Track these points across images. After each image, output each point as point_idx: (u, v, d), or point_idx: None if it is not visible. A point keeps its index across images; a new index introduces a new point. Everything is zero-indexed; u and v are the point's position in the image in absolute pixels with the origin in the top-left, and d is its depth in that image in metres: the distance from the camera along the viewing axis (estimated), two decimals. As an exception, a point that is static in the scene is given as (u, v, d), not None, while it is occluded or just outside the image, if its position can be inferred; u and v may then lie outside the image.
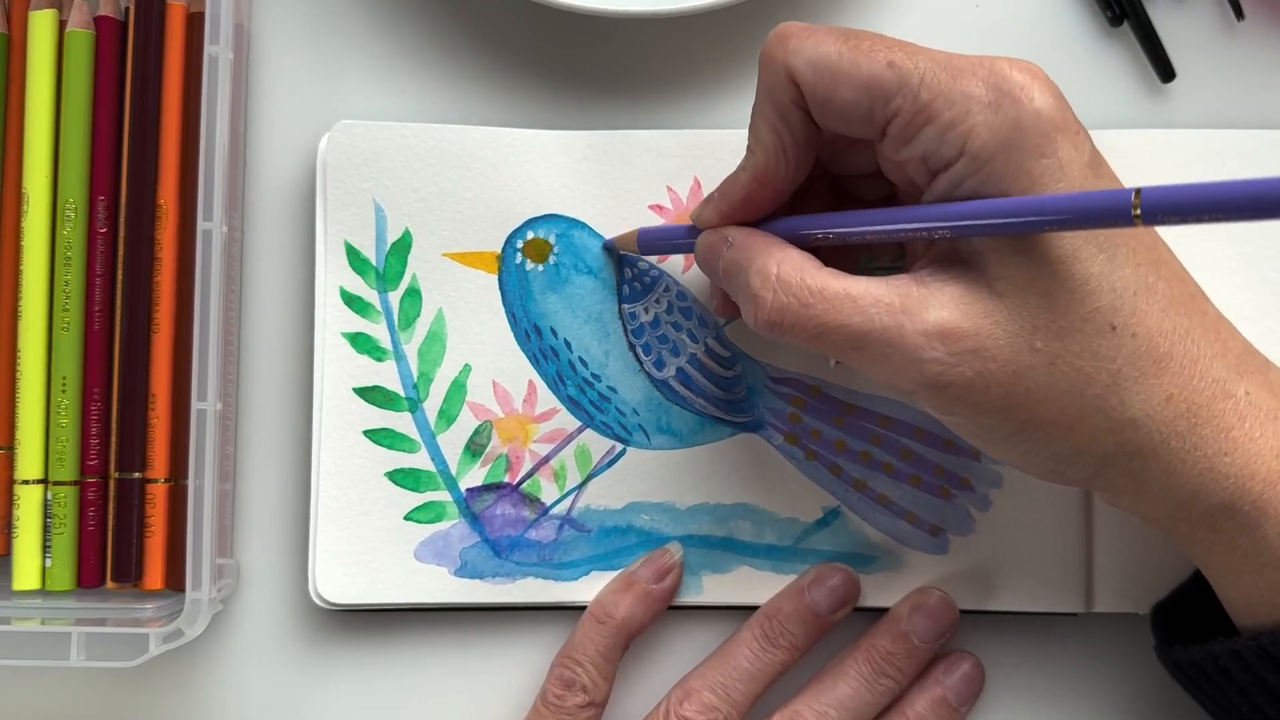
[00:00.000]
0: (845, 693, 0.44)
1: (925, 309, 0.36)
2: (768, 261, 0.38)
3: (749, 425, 0.47)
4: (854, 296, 0.36)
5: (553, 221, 0.47)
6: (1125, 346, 0.36)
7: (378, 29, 0.48)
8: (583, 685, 0.45)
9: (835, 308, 0.37)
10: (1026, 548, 0.46)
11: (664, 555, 0.46)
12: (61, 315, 0.45)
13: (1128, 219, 0.31)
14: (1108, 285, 0.35)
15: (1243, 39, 0.49)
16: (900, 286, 0.36)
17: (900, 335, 0.36)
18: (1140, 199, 0.31)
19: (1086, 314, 0.35)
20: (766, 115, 0.39)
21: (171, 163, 0.46)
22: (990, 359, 0.35)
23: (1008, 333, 0.35)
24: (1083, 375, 0.35)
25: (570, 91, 0.48)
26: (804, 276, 0.37)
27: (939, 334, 0.35)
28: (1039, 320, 0.35)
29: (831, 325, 0.37)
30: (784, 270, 0.38)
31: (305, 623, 0.47)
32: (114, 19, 0.46)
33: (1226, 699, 0.41)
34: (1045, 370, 0.35)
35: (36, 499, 0.46)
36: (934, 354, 0.35)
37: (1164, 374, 0.36)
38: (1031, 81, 0.35)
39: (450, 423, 0.46)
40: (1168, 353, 0.36)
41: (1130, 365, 0.36)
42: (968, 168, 0.35)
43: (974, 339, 0.35)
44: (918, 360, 0.36)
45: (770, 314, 0.38)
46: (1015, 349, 0.35)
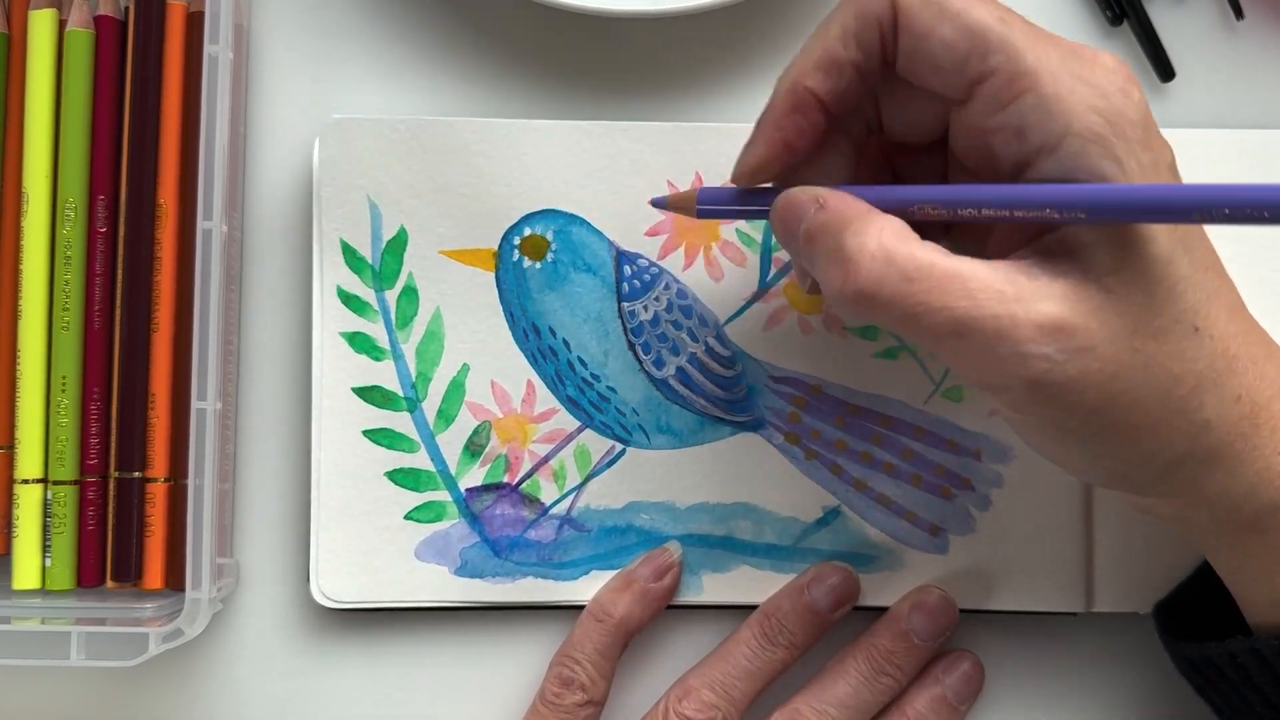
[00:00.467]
0: (845, 691, 0.44)
1: (1038, 300, 0.34)
2: (867, 225, 0.35)
3: (749, 425, 0.47)
4: (963, 277, 0.34)
5: (551, 217, 0.47)
6: (1206, 348, 0.35)
7: (377, 29, 0.49)
8: (581, 684, 0.44)
9: (941, 287, 0.34)
10: (1027, 547, 0.46)
11: (663, 554, 0.46)
12: (61, 315, 0.45)
13: None
14: (1192, 287, 0.35)
15: (1242, 39, 0.49)
16: (1010, 274, 0.34)
17: (1012, 326, 0.34)
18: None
19: (1178, 314, 0.35)
20: (846, 21, 0.36)
21: (171, 162, 0.46)
22: (1095, 358, 0.34)
23: (1113, 332, 0.34)
24: (1172, 377, 0.35)
25: (570, 91, 0.48)
26: (910, 248, 0.34)
27: (1049, 329, 0.34)
28: (1140, 320, 0.34)
29: (935, 306, 0.34)
30: (886, 238, 0.35)
31: (305, 622, 0.47)
32: (114, 18, 0.46)
33: (1240, 697, 0.40)
34: (1141, 371, 0.34)
35: (36, 498, 0.46)
36: (1043, 349, 0.34)
37: (1234, 375, 0.36)
38: (1129, 76, 0.35)
39: (449, 423, 0.46)
40: (1236, 354, 0.36)
41: (1210, 367, 0.35)
42: (1079, 147, 0.34)
43: (1082, 337, 0.34)
44: (1024, 355, 0.34)
45: (865, 283, 0.34)
46: (1118, 349, 0.34)
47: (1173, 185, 0.34)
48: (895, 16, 0.36)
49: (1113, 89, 0.34)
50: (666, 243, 0.47)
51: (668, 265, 0.47)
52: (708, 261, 0.47)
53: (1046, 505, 0.46)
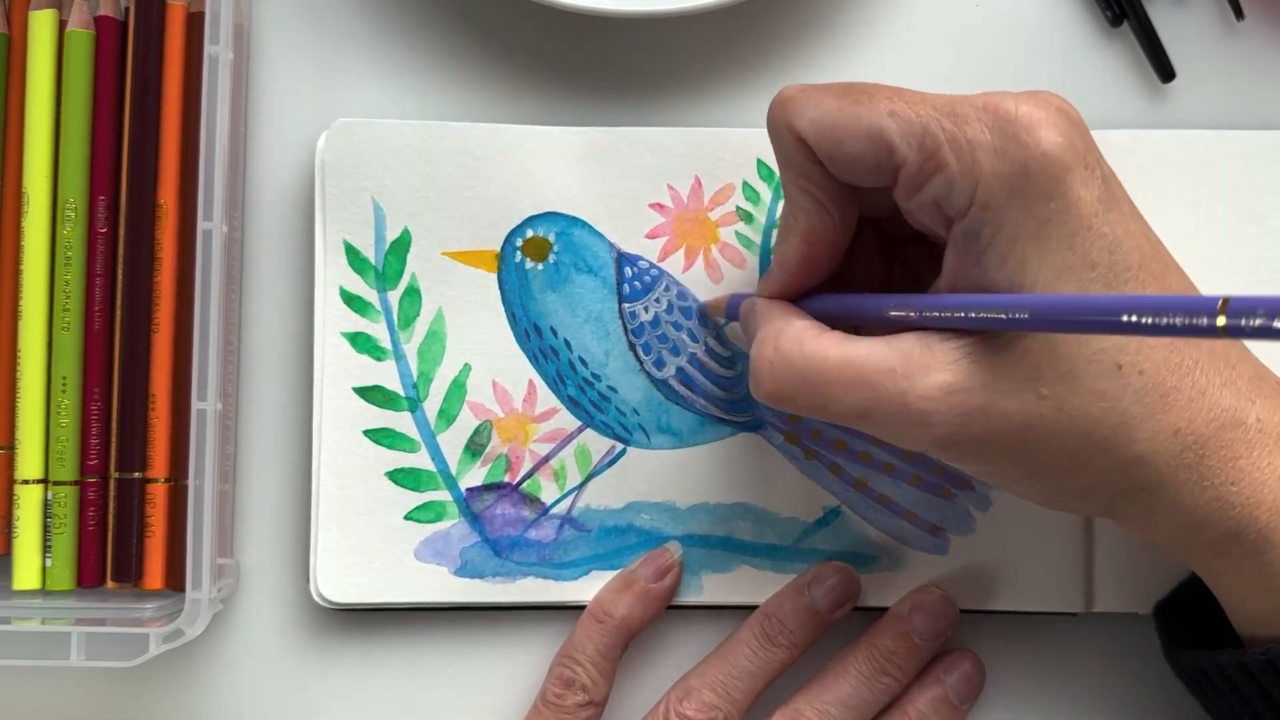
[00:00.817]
0: (846, 691, 0.44)
1: (928, 373, 0.35)
2: (767, 332, 0.38)
3: (749, 425, 0.47)
4: (855, 364, 0.36)
5: (552, 220, 0.47)
6: (1132, 384, 0.35)
7: (378, 29, 0.48)
8: (582, 684, 0.45)
9: (836, 379, 0.36)
10: (1027, 547, 0.46)
11: (663, 554, 0.46)
12: (61, 315, 0.45)
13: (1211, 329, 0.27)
14: None
15: (1243, 39, 0.49)
16: (903, 350, 0.36)
17: (904, 402, 0.35)
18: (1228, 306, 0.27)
19: (1091, 355, 0.35)
20: (792, 179, 0.39)
21: (171, 163, 0.46)
22: (997, 414, 0.35)
23: (1014, 383, 0.35)
24: (1089, 418, 0.35)
25: (571, 91, 0.48)
26: (804, 347, 0.37)
27: (944, 394, 0.35)
28: (1043, 366, 0.35)
29: (834, 396, 0.36)
30: (782, 341, 0.37)
31: (305, 622, 0.47)
32: (114, 19, 0.46)
33: (1229, 706, 0.41)
34: (1053, 417, 0.35)
35: (36, 499, 0.45)
36: (940, 417, 0.35)
37: (1171, 409, 0.35)
38: (1040, 119, 0.34)
39: (450, 422, 0.46)
40: (1175, 386, 0.36)
41: (1137, 403, 0.35)
42: (980, 216, 0.35)
43: (979, 395, 0.35)
44: (924, 425, 0.35)
45: (769, 386, 0.37)
46: (1022, 400, 0.35)
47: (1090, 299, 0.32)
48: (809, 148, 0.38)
49: (1012, 145, 0.34)
50: (667, 245, 0.47)
51: (668, 267, 0.47)
52: (708, 263, 0.47)
53: (1046, 505, 0.46)
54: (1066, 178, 0.34)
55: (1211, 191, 0.47)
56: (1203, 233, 0.46)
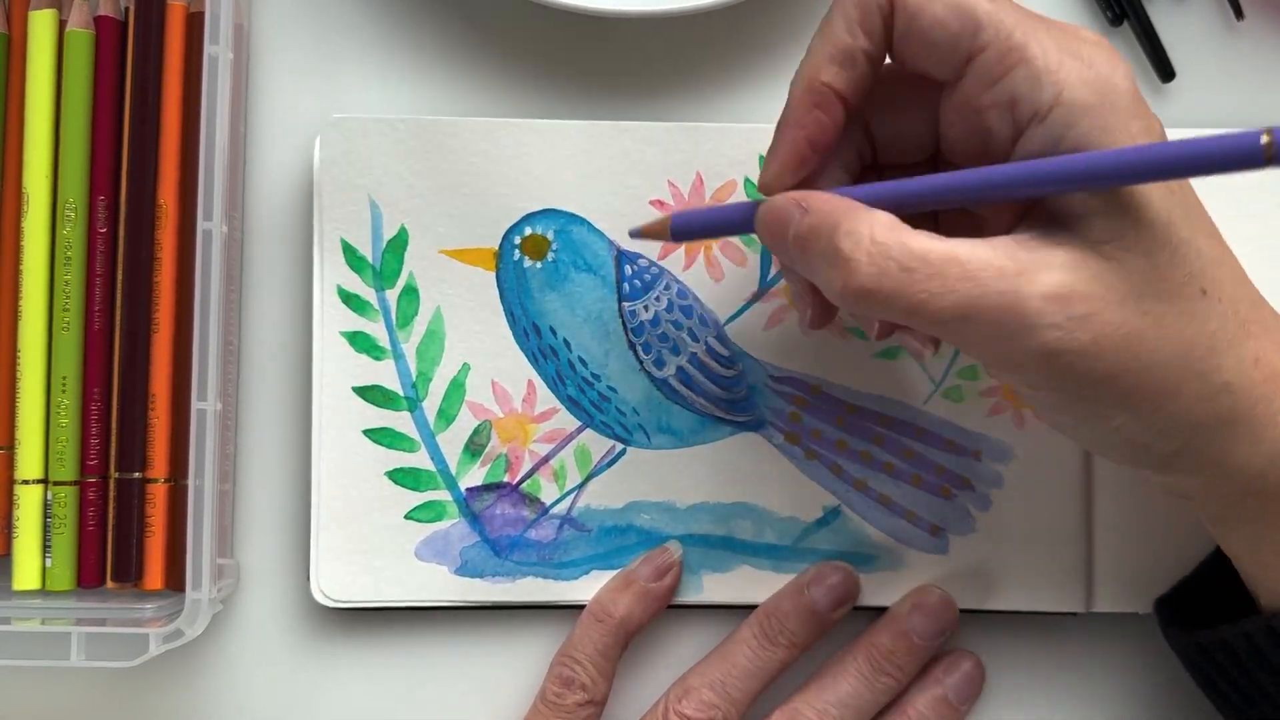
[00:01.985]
0: (845, 690, 0.44)
1: (1040, 272, 0.34)
2: (857, 223, 0.35)
3: (749, 425, 0.47)
4: (961, 260, 0.34)
5: (551, 217, 0.47)
6: (1215, 310, 0.35)
7: (378, 29, 0.49)
8: (582, 684, 0.45)
9: (941, 272, 0.34)
10: (1027, 547, 0.46)
11: (663, 554, 0.46)
12: (61, 315, 0.45)
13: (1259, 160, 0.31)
14: (1195, 251, 0.35)
15: (1242, 39, 0.49)
16: (1007, 249, 0.34)
17: (1018, 300, 0.34)
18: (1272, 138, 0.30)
19: (1183, 277, 0.35)
20: (847, 13, 0.37)
21: (171, 163, 0.46)
22: (1106, 322, 0.34)
23: (1119, 295, 0.34)
24: (1185, 338, 0.35)
25: (570, 91, 0.48)
26: (903, 239, 0.35)
27: (1056, 298, 0.34)
28: (1145, 283, 0.34)
29: (937, 293, 0.34)
30: (879, 232, 0.35)
31: (305, 622, 0.47)
32: (114, 19, 0.46)
33: (1252, 680, 0.40)
34: (1154, 334, 0.34)
35: (36, 499, 0.46)
36: (1052, 319, 0.34)
37: (1249, 338, 0.36)
38: (1117, 56, 0.35)
39: (449, 422, 0.46)
40: (1249, 317, 0.36)
41: (1222, 329, 0.35)
42: (1065, 117, 0.34)
43: (1090, 302, 0.34)
44: (1034, 327, 0.34)
45: (866, 280, 0.35)
46: (1127, 312, 0.34)
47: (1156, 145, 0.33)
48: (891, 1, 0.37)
49: (1101, 61, 0.35)
50: (667, 243, 0.47)
51: (668, 265, 0.47)
52: (708, 261, 0.47)
53: (1046, 505, 0.46)
54: (1142, 105, 0.35)
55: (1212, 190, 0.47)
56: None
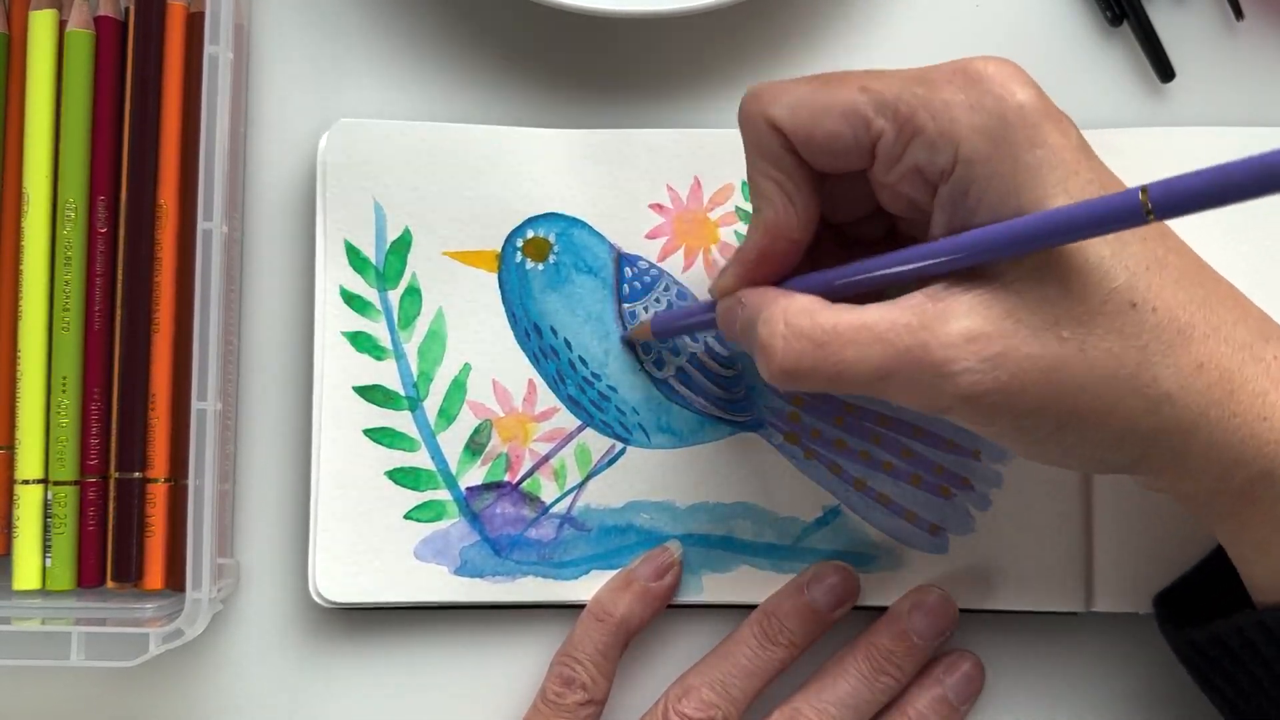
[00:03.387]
0: (845, 690, 0.44)
1: (946, 321, 0.35)
2: (773, 309, 0.37)
3: (749, 424, 0.47)
4: (869, 325, 0.35)
5: (553, 220, 0.47)
6: (1148, 321, 0.35)
7: (378, 29, 0.49)
8: (582, 683, 0.45)
9: (852, 342, 0.35)
10: (1026, 547, 0.46)
11: (663, 553, 0.46)
12: (61, 315, 0.45)
13: (1140, 218, 0.31)
14: (1120, 265, 0.35)
15: (1242, 39, 0.49)
16: (914, 305, 0.35)
17: (926, 353, 0.35)
18: (1148, 196, 0.31)
19: (1105, 295, 0.35)
20: (761, 169, 0.39)
21: (171, 163, 0.46)
22: (1023, 357, 0.34)
23: (1032, 328, 0.35)
24: (1112, 357, 0.35)
25: (571, 91, 0.48)
26: (814, 317, 0.36)
27: (965, 342, 0.34)
28: (1060, 310, 0.35)
29: (851, 361, 0.35)
30: (791, 315, 0.37)
31: (305, 622, 0.47)
32: (114, 19, 0.46)
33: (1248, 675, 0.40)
34: (1077, 358, 0.35)
35: (36, 499, 0.46)
36: (965, 364, 0.34)
37: (1190, 343, 0.35)
38: (1008, 76, 0.35)
39: (450, 422, 0.46)
40: (1189, 322, 0.36)
41: (1155, 339, 0.35)
42: (966, 173, 0.35)
43: (1001, 340, 0.34)
44: (949, 375, 0.35)
45: (783, 361, 0.36)
46: (1043, 342, 0.35)
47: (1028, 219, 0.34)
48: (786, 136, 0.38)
49: (987, 99, 0.35)
50: (667, 245, 0.47)
51: (668, 267, 0.47)
52: (707, 263, 0.47)
53: (1046, 505, 0.46)
54: (1044, 124, 0.35)
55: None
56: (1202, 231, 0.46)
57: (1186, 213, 0.30)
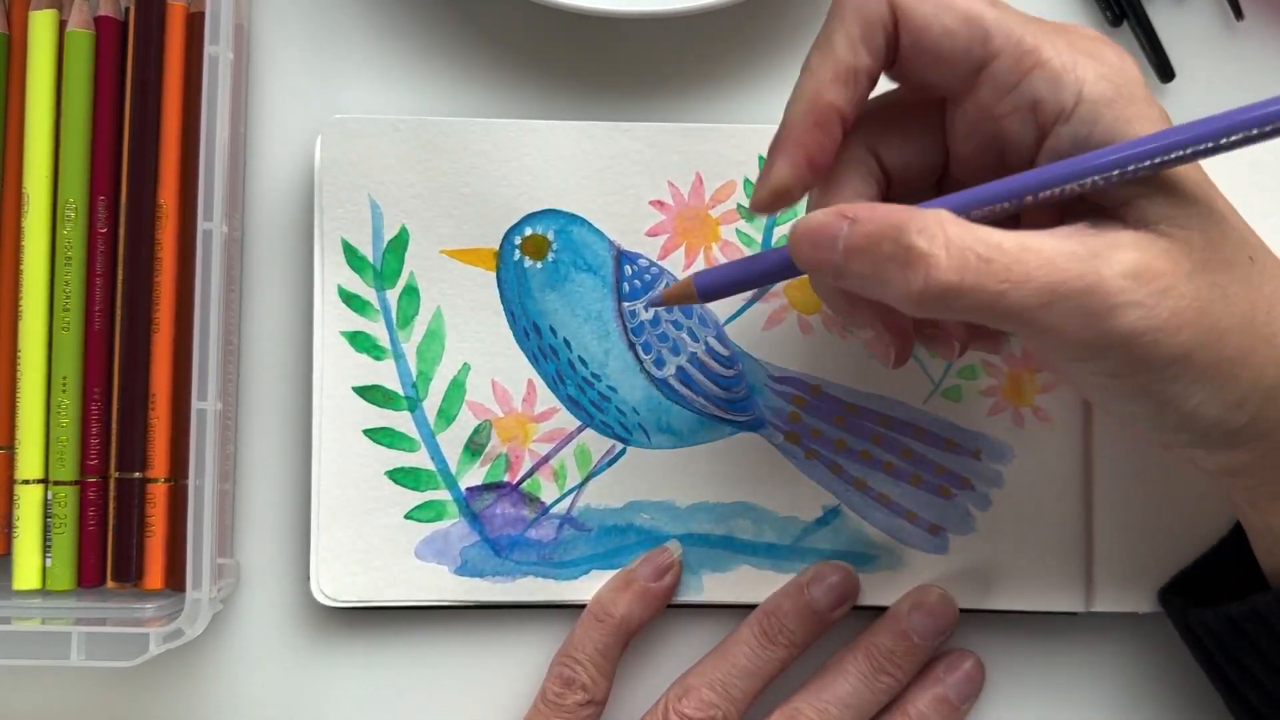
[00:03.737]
0: (845, 690, 0.44)
1: (1114, 252, 0.34)
2: (927, 221, 0.34)
3: (749, 424, 0.47)
4: (1035, 248, 0.34)
5: (551, 217, 0.47)
6: (1266, 275, 0.36)
7: (378, 29, 0.49)
8: (582, 683, 0.45)
9: (1020, 260, 0.34)
10: (1026, 547, 0.46)
11: (662, 553, 0.46)
12: (61, 315, 0.45)
13: None
14: (1236, 219, 0.36)
15: (1242, 39, 0.49)
16: (1078, 234, 0.35)
17: (1099, 281, 0.34)
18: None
19: (1233, 247, 0.36)
20: (849, 29, 0.37)
21: (171, 163, 0.46)
22: (1180, 295, 0.34)
23: (1186, 270, 0.34)
24: (1248, 304, 0.35)
25: (571, 91, 0.48)
26: (976, 231, 0.34)
27: (1134, 274, 0.34)
28: (1206, 256, 0.35)
29: (1019, 281, 0.34)
30: (951, 228, 0.34)
31: (305, 622, 0.47)
32: (114, 19, 0.46)
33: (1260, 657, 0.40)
34: (1221, 304, 0.35)
35: (37, 499, 0.46)
36: (1133, 296, 0.34)
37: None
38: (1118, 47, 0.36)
39: (450, 422, 0.46)
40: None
41: (1275, 291, 0.36)
42: (1090, 113, 0.35)
43: (1166, 277, 0.34)
44: (1117, 306, 0.34)
45: (948, 273, 0.34)
46: (1197, 284, 0.35)
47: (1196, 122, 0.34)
48: (895, 16, 0.37)
49: (1111, 56, 0.36)
50: (667, 243, 0.47)
51: (668, 265, 0.47)
52: (708, 261, 0.47)
53: (1046, 505, 0.46)
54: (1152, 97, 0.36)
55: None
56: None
57: None
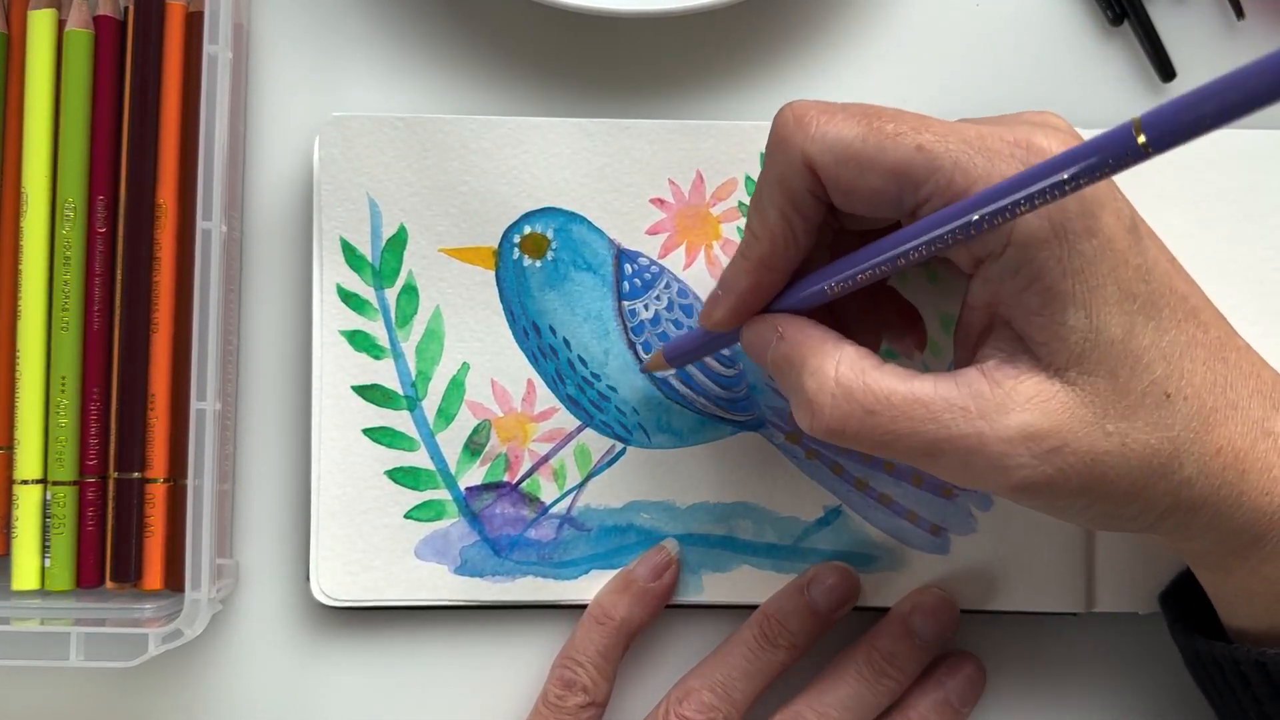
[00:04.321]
0: (846, 693, 0.44)
1: (1005, 413, 0.35)
2: (824, 361, 0.36)
3: (750, 424, 0.47)
4: (924, 401, 0.35)
5: (551, 215, 0.47)
6: (1180, 411, 0.35)
7: (377, 29, 0.49)
8: (583, 685, 0.44)
9: (905, 416, 0.35)
10: (1027, 547, 0.46)
11: (660, 553, 0.46)
12: (61, 315, 0.45)
13: (1137, 152, 0.29)
14: (1159, 354, 0.35)
15: (1243, 39, 0.49)
16: (972, 386, 0.35)
17: (982, 443, 0.35)
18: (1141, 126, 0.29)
19: (1146, 387, 0.35)
20: (776, 203, 0.37)
21: (171, 162, 0.46)
22: (1071, 452, 0.35)
23: (1083, 423, 0.35)
24: (1149, 449, 0.35)
25: (571, 90, 0.48)
26: (866, 379, 0.36)
27: (1022, 438, 0.35)
28: (1108, 404, 0.35)
29: (902, 434, 0.35)
30: (843, 372, 0.36)
31: (305, 621, 0.47)
32: (113, 18, 0.46)
33: (1237, 703, 0.40)
34: (1119, 453, 0.35)
35: (35, 499, 0.45)
36: (1019, 460, 0.35)
37: (1212, 428, 0.36)
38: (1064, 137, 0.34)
39: (449, 421, 0.46)
40: (1213, 406, 0.36)
41: (1185, 429, 0.35)
42: (1019, 256, 0.34)
43: (1055, 437, 0.35)
44: (1002, 468, 0.35)
45: (830, 422, 0.36)
46: (1092, 439, 0.35)
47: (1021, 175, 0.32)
48: (819, 179, 0.36)
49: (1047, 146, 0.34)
50: (667, 241, 0.47)
51: (668, 264, 0.47)
52: (709, 260, 0.47)
53: (1047, 505, 0.46)
54: (1101, 214, 0.34)
55: (1211, 191, 0.47)
56: (1202, 233, 0.46)
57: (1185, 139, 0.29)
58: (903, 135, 0.35)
